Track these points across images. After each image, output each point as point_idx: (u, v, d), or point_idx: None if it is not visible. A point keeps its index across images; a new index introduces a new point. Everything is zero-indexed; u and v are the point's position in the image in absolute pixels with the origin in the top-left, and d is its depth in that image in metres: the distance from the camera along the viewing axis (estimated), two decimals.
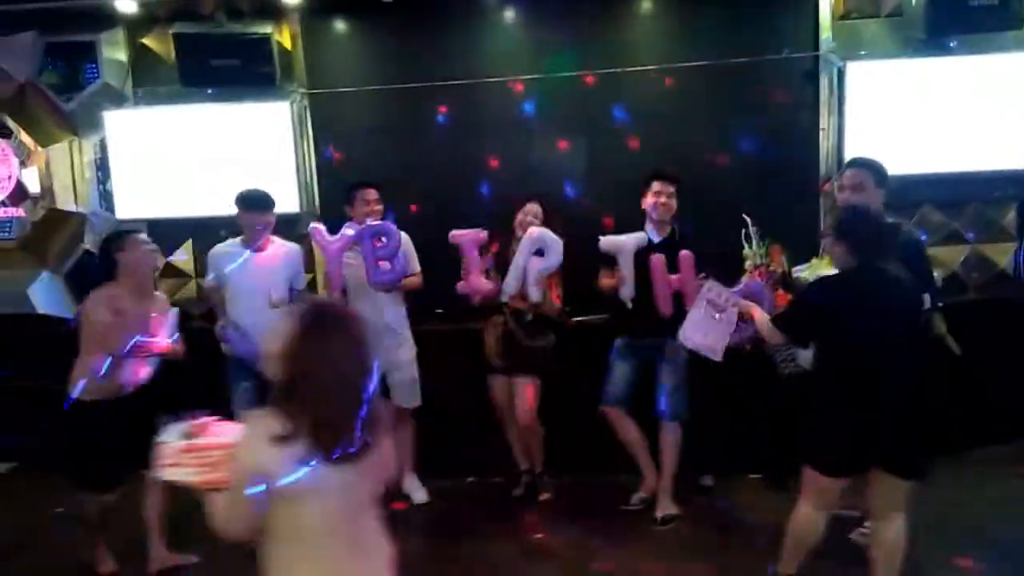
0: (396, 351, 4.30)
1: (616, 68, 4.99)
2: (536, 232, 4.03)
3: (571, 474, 4.49)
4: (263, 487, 1.83)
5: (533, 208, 4.22)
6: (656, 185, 4.04)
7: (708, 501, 4.28)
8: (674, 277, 3.78)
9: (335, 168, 5.21)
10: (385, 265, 4.06)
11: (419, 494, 4.45)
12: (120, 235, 3.74)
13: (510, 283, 4.02)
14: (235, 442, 1.93)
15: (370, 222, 4.11)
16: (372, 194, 4.26)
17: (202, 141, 5.20)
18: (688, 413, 4.07)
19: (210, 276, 4.19)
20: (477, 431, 4.50)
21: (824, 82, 4.93)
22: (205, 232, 5.26)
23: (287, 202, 4.89)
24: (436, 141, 5.13)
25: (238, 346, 4.05)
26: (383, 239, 4.04)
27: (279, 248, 4.23)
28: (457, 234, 4.09)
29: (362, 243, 4.05)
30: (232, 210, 4.14)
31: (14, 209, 5.60)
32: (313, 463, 1.83)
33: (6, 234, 5.63)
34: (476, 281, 4.08)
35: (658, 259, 3.80)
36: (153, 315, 3.62)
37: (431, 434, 4.48)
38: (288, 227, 4.69)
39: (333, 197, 4.97)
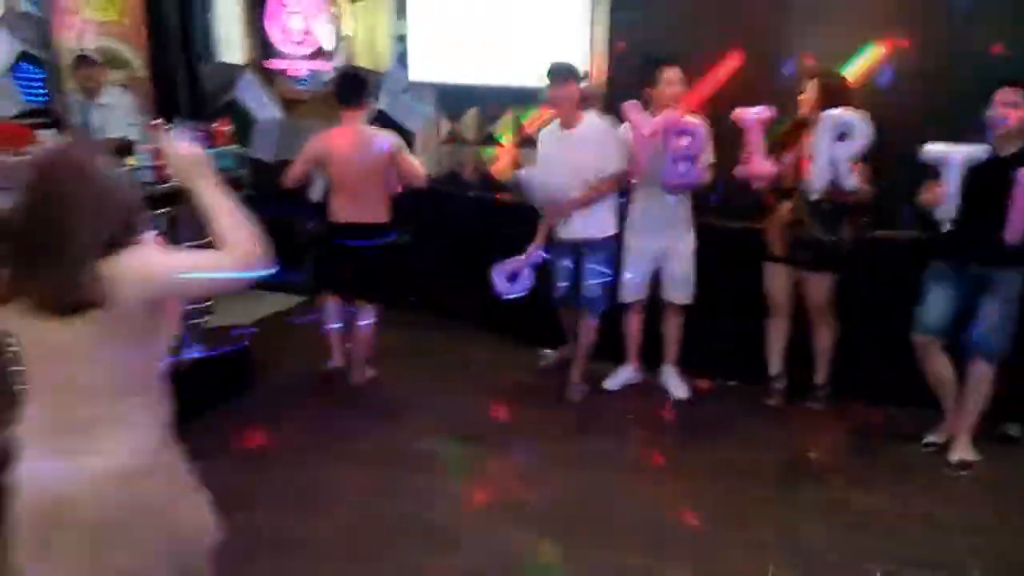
0: (677, 242, 4.16)
1: None
2: (833, 113, 3.64)
3: (853, 397, 4.17)
4: None
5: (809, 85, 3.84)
6: (1002, 94, 3.42)
7: (1011, 452, 3.80)
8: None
9: (631, 40, 4.80)
10: (682, 167, 3.87)
11: (679, 390, 4.36)
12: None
13: (820, 175, 3.68)
14: None
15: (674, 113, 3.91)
16: (676, 73, 3.98)
17: (497, 6, 5.10)
18: (1007, 353, 3.57)
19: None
20: (743, 334, 4.28)
21: None
22: (490, 100, 5.30)
23: None
24: (744, 11, 4.55)
25: (531, 189, 4.16)
26: (687, 139, 3.85)
27: (592, 125, 4.11)
28: (741, 112, 3.81)
29: (664, 138, 3.87)
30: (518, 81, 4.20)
31: (315, 62, 5.93)
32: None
33: (305, 86, 6.01)
34: (758, 165, 3.80)
35: None
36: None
37: (697, 331, 4.34)
38: None
39: (626, 73, 4.66)
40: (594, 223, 4.15)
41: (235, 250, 1.68)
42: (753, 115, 3.81)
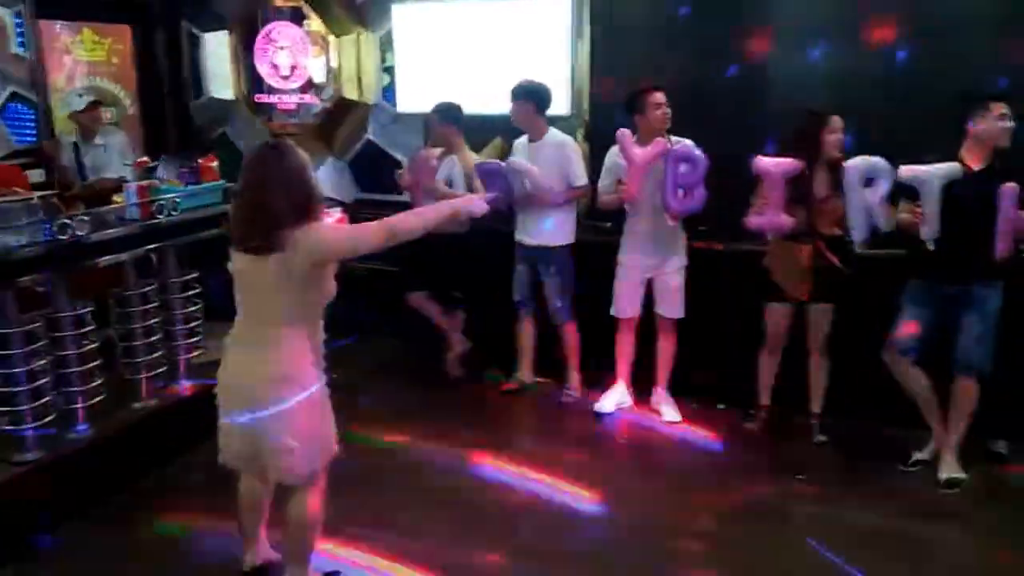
0: (668, 258, 4.24)
1: None
2: (858, 163, 3.58)
3: (841, 419, 4.13)
4: None
5: (838, 123, 3.78)
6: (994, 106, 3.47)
7: (999, 470, 3.81)
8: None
9: (609, 70, 4.91)
10: (684, 194, 3.94)
11: (670, 412, 4.38)
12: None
13: (861, 229, 3.59)
14: None
15: (673, 140, 4.01)
16: (662, 97, 4.04)
17: (480, 37, 5.20)
18: (990, 367, 3.59)
19: None
20: (733, 357, 4.30)
21: None
22: (476, 128, 5.36)
23: (557, 104, 4.69)
24: (725, 43, 4.63)
25: (491, 181, 4.35)
26: (688, 165, 3.89)
27: (554, 138, 4.43)
28: (765, 162, 3.72)
29: (666, 164, 3.93)
30: (503, 109, 4.41)
31: (304, 96, 5.99)
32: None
33: (295, 119, 6.07)
34: (776, 218, 3.73)
35: (1010, 190, 3.29)
36: None
37: (686, 354, 4.38)
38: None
39: (604, 99, 4.78)
40: (551, 232, 4.43)
41: (387, 224, 2.51)
42: (777, 168, 3.70)
